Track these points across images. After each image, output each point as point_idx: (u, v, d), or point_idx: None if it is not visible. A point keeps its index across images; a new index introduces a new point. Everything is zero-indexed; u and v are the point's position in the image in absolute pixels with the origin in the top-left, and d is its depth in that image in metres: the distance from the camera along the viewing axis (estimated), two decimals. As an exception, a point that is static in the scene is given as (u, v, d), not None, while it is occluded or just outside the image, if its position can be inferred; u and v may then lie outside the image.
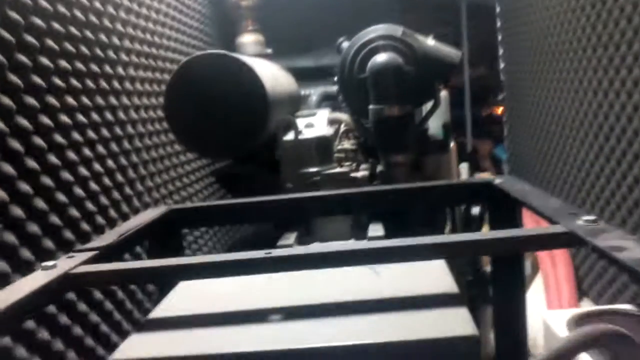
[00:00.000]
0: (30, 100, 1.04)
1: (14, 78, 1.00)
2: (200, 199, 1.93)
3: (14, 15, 1.01)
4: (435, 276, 0.80)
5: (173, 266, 0.77)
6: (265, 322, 0.72)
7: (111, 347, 1.18)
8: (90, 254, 0.85)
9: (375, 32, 1.44)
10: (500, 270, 1.06)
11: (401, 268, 0.85)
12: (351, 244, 0.75)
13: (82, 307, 1.12)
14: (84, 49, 1.26)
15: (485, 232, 0.90)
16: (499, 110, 7.00)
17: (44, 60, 1.10)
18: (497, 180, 1.08)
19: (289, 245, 1.21)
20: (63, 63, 1.17)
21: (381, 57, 1.35)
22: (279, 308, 0.75)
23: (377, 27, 1.45)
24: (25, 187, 1.00)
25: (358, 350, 0.63)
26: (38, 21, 1.09)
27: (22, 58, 1.03)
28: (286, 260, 0.76)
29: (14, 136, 0.99)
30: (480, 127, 7.29)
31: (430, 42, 1.46)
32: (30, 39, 1.06)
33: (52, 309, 1.02)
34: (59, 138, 1.12)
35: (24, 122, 1.02)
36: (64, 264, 0.79)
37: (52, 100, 1.11)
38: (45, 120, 1.08)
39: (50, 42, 1.13)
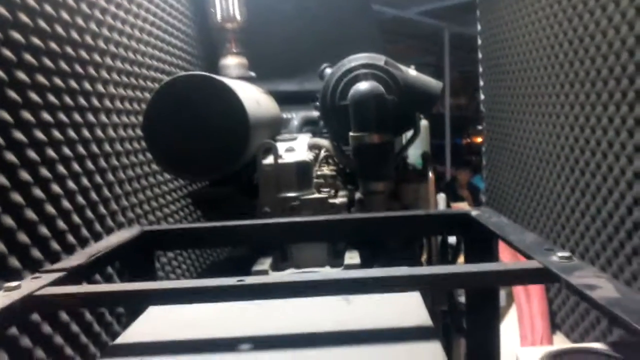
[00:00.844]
0: (3, 115, 1.02)
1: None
2: (175, 220, 1.90)
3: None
4: (409, 308, 0.80)
5: (143, 290, 0.75)
6: (234, 351, 0.70)
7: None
8: (57, 275, 0.82)
9: (358, 61, 1.45)
10: (475, 302, 1.05)
11: (375, 298, 0.84)
12: (325, 274, 0.74)
13: (47, 329, 1.08)
14: (63, 65, 1.25)
15: (461, 265, 0.89)
16: (478, 139, 7.12)
17: (21, 75, 1.08)
18: (474, 212, 1.08)
19: (263, 272, 1.20)
20: (40, 78, 1.15)
21: (363, 85, 1.36)
22: (249, 337, 0.73)
23: (360, 56, 1.46)
24: (-7, 203, 0.97)
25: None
26: (17, 35, 1.08)
27: (-2, 72, 1.01)
28: (258, 288, 0.74)
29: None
30: (459, 155, 7.39)
31: (412, 72, 1.48)
32: (7, 53, 1.04)
33: (13, 330, 0.98)
34: (32, 154, 1.09)
35: (-4, 136, 0.99)
36: (29, 285, 0.76)
37: (26, 115, 1.09)
38: (18, 135, 1.06)
39: (28, 57, 1.11)
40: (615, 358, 0.55)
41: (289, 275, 0.74)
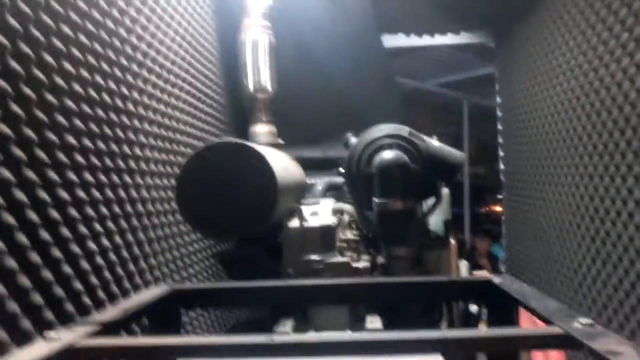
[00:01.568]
0: (52, 175, 1.10)
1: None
2: (200, 280, 1.94)
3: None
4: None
5: (177, 345, 0.78)
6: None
7: None
8: (92, 328, 0.86)
9: (383, 131, 1.52)
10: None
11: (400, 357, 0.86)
12: (352, 335, 0.76)
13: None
14: (106, 130, 1.34)
15: (483, 329, 0.91)
16: (497, 208, 7.09)
17: (70, 139, 1.17)
18: (496, 279, 1.11)
19: (285, 333, 1.22)
20: (86, 141, 1.23)
21: (388, 154, 1.42)
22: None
23: (384, 126, 1.54)
24: (34, 257, 1.02)
25: None
26: (70, 103, 1.17)
27: (51, 136, 1.10)
28: (287, 346, 0.77)
29: (30, 208, 1.03)
30: (478, 224, 7.34)
31: (435, 142, 1.54)
32: (61, 119, 1.13)
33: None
34: (72, 212, 1.16)
35: (43, 195, 1.06)
36: (67, 336, 0.80)
37: (71, 175, 1.16)
38: (62, 193, 1.13)
39: (77, 122, 1.20)
40: None
41: (316, 335, 0.77)
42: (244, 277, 1.49)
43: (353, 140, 1.60)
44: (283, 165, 1.61)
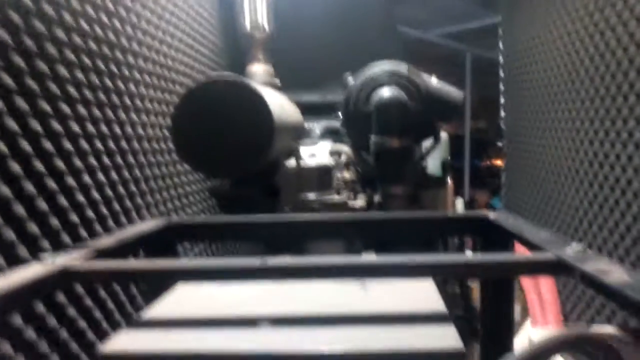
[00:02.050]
0: (45, 106, 1.08)
1: (31, 83, 1.04)
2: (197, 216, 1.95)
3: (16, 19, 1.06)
4: (423, 293, 0.82)
5: (170, 268, 0.79)
6: (253, 327, 0.73)
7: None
8: (87, 253, 0.86)
9: (381, 68, 1.49)
10: (489, 297, 1.06)
11: (390, 285, 0.87)
12: (344, 259, 0.76)
13: (75, 302, 1.12)
14: (100, 64, 1.31)
15: (476, 255, 0.91)
16: (498, 162, 7.10)
17: (62, 70, 1.14)
18: (492, 215, 1.10)
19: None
20: (79, 74, 1.21)
21: (386, 92, 1.40)
22: (269, 316, 0.76)
23: (383, 63, 1.51)
24: (29, 187, 1.02)
25: (344, 358, 0.65)
26: (61, 34, 1.14)
27: (42, 65, 1.07)
28: (280, 270, 0.77)
29: (25, 139, 1.02)
30: (478, 178, 7.37)
31: (434, 81, 1.51)
32: (51, 49, 1.11)
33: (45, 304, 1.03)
34: (66, 144, 1.15)
35: (36, 125, 1.05)
36: (61, 259, 0.81)
37: (65, 107, 1.15)
38: (55, 125, 1.11)
39: (69, 54, 1.17)
40: (625, 340, 0.56)
41: (309, 259, 0.78)
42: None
43: (351, 79, 1.57)
44: (280, 103, 1.59)
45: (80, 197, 1.19)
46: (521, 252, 1.38)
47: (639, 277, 0.63)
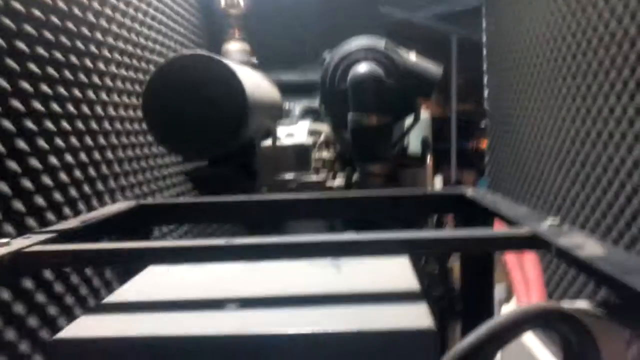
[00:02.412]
0: (2, 83, 1.03)
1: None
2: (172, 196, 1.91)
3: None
4: (397, 272, 0.80)
5: (131, 249, 0.75)
6: (221, 309, 0.70)
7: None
8: (47, 236, 0.82)
9: (358, 44, 1.45)
10: (469, 275, 1.05)
11: (364, 263, 0.84)
12: (315, 236, 0.73)
13: (34, 288, 1.08)
14: (64, 40, 1.26)
15: (452, 230, 0.89)
16: (485, 144, 7.10)
17: (20, 45, 1.09)
18: (470, 192, 1.08)
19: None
20: (41, 51, 1.16)
21: (362, 67, 1.36)
22: (238, 298, 0.73)
23: (360, 39, 1.46)
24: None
25: (312, 339, 0.62)
26: (19, 6, 1.09)
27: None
28: (246, 249, 0.74)
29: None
30: (465, 159, 7.38)
31: (412, 57, 1.48)
32: (9, 23, 1.05)
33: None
34: (28, 123, 1.10)
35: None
36: (18, 242, 0.77)
37: (25, 85, 1.10)
38: (16, 104, 1.06)
39: (28, 28, 1.12)
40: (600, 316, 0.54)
41: (277, 237, 0.75)
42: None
43: (328, 56, 1.53)
44: (254, 81, 1.55)
45: (47, 180, 1.15)
46: (500, 228, 1.37)
47: (612, 250, 0.61)
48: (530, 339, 1.62)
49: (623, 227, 1.51)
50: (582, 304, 0.59)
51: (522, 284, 2.00)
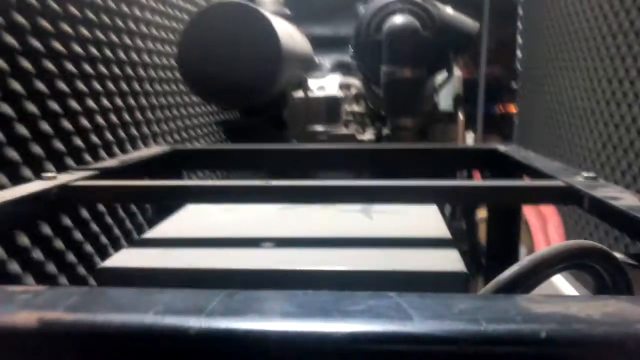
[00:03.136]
0: (44, 24, 1.05)
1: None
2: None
3: None
4: (428, 220, 0.81)
5: (173, 187, 0.78)
6: (258, 247, 0.72)
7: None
8: (89, 173, 0.86)
9: (394, -5, 1.43)
10: (496, 229, 1.06)
11: (396, 209, 0.85)
12: (347, 182, 0.75)
13: (76, 221, 1.13)
14: (101, -17, 1.27)
15: (482, 181, 0.89)
16: (512, 109, 6.97)
17: (61, -14, 1.10)
18: (502, 148, 1.08)
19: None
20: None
21: (398, 19, 1.34)
22: (273, 237, 0.75)
23: (396, -10, 1.44)
24: (32, 108, 1.00)
25: (349, 276, 0.64)
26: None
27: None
28: (285, 190, 0.76)
29: (25, 57, 0.99)
30: (492, 124, 7.26)
31: (449, 10, 1.45)
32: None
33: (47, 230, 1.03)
34: (69, 65, 1.12)
35: (36, 43, 1.02)
36: (64, 177, 0.80)
37: (65, 26, 1.11)
38: (56, 44, 1.08)
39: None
40: (633, 265, 0.55)
41: (314, 181, 0.76)
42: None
43: (362, 8, 1.51)
44: (288, 33, 1.54)
45: (85, 122, 1.17)
46: (530, 210, 1.37)
47: (652, 202, 0.61)
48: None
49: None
50: (615, 253, 0.60)
51: (544, 244, 2.01)
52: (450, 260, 0.66)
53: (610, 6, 1.81)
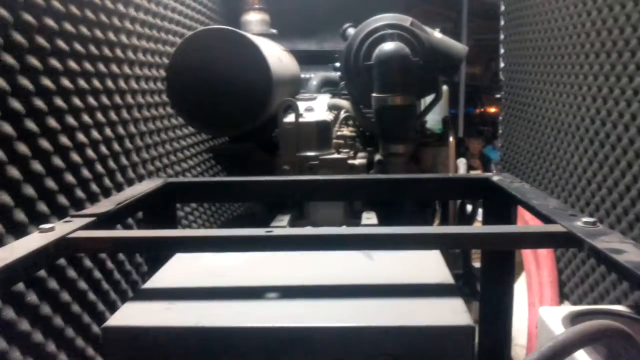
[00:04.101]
0: (33, 61, 1.03)
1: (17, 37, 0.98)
2: (194, 175, 1.92)
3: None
4: (430, 266, 0.81)
5: (174, 238, 0.77)
6: (261, 299, 0.72)
7: (97, 315, 1.18)
8: (87, 220, 0.84)
9: (383, 20, 1.44)
10: (491, 265, 1.07)
11: (396, 256, 0.86)
12: (350, 229, 0.75)
13: (72, 274, 1.11)
14: (89, 13, 1.24)
15: (484, 227, 0.90)
16: (492, 109, 7.03)
17: (49, 22, 1.08)
18: (495, 178, 1.09)
19: (282, 227, 1.22)
20: (68, 26, 1.15)
21: (389, 46, 1.35)
22: (275, 286, 0.75)
23: (385, 16, 1.45)
24: (23, 148, 0.99)
25: (354, 332, 0.64)
26: (46, -19, 1.07)
27: (28, 17, 1.01)
28: (286, 240, 0.76)
29: (15, 96, 0.97)
30: (472, 125, 7.32)
31: (437, 35, 1.46)
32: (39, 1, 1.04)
33: (43, 274, 1.01)
34: (59, 101, 1.10)
35: (25, 82, 1.00)
36: (62, 228, 0.79)
37: (54, 62, 1.09)
38: (46, 82, 1.06)
39: (57, 4, 1.11)
40: (636, 319, 0.56)
41: (316, 229, 0.76)
42: (240, 173, 1.48)
43: (351, 30, 1.51)
44: (277, 56, 1.54)
45: (76, 157, 1.16)
46: (522, 219, 1.38)
47: (653, 256, 0.62)
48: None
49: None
50: (619, 307, 0.61)
51: (536, 278, 2.02)
52: (456, 313, 0.66)
53: (592, 24, 1.84)
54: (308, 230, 0.77)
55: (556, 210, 0.83)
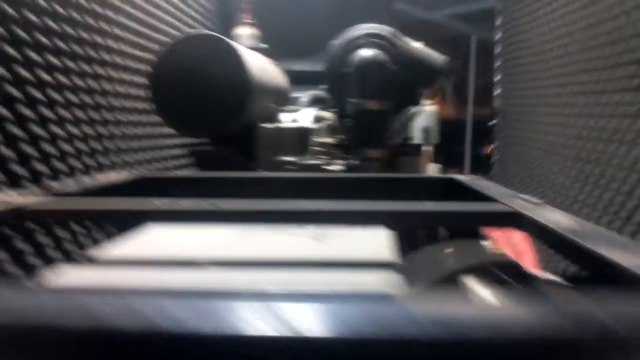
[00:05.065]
0: (12, 52, 1.06)
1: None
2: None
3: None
4: (375, 243, 0.81)
5: (120, 209, 0.78)
6: (199, 269, 0.72)
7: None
8: (46, 194, 0.85)
9: (363, 30, 1.47)
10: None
11: (346, 233, 0.85)
12: (296, 204, 0.76)
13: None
14: (75, 14, 1.29)
15: (428, 203, 0.90)
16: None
17: (31, 17, 1.12)
18: (461, 177, 1.10)
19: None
20: (50, 22, 1.19)
21: (366, 52, 1.38)
22: (218, 259, 0.75)
23: (366, 25, 1.48)
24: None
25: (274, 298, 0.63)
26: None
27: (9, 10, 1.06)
28: (230, 213, 0.77)
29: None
30: (480, 164, 7.29)
31: (416, 44, 1.49)
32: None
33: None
34: (36, 93, 1.13)
35: (3, 72, 1.03)
36: (18, 198, 0.80)
37: (33, 55, 1.13)
38: (25, 73, 1.10)
39: (42, 2, 1.15)
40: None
41: (262, 203, 0.77)
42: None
43: (334, 42, 1.55)
44: (260, 65, 1.57)
45: (51, 148, 1.18)
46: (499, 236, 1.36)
47: (587, 225, 0.62)
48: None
49: (636, 228, 1.50)
50: (549, 276, 0.61)
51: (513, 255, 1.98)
52: (384, 283, 0.65)
53: (577, 44, 1.87)
54: (252, 205, 0.77)
55: (506, 195, 0.83)
